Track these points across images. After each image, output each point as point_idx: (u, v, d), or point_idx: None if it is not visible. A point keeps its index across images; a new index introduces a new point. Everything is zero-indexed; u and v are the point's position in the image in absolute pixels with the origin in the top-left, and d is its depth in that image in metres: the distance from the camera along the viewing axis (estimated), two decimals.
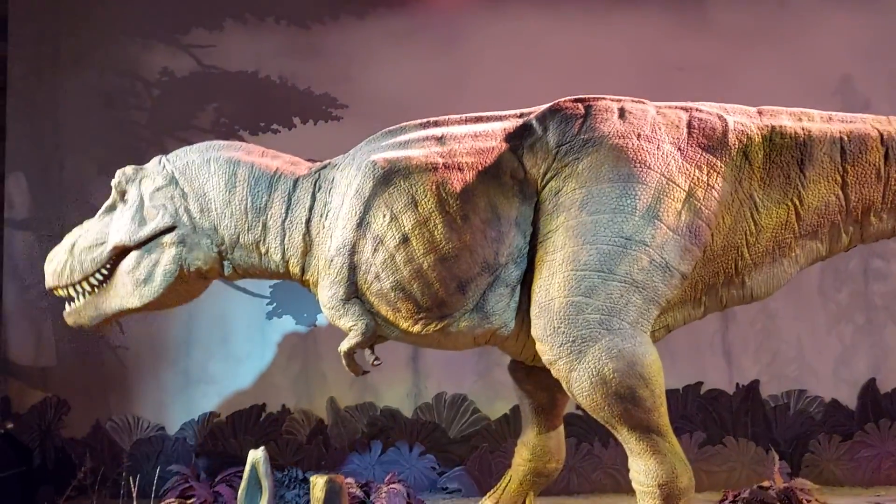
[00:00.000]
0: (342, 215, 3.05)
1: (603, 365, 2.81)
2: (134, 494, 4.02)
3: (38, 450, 5.32)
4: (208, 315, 5.44)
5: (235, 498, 4.50)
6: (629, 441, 2.90)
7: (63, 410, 5.38)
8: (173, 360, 5.43)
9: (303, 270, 3.19)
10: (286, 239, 3.15)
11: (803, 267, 3.13)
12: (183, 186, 3.20)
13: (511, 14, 5.52)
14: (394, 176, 3.01)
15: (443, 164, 3.02)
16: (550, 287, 2.91)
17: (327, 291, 3.10)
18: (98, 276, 3.22)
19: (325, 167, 3.25)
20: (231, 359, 5.43)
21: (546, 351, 2.93)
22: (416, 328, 3.08)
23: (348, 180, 3.09)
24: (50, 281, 3.30)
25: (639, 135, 3.01)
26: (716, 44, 5.38)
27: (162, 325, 5.44)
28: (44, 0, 5.70)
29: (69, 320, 3.33)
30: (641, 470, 2.89)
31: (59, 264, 3.27)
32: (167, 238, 3.17)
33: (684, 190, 2.94)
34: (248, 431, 5.32)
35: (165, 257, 3.17)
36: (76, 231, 3.33)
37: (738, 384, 5.21)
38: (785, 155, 3.03)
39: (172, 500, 4.12)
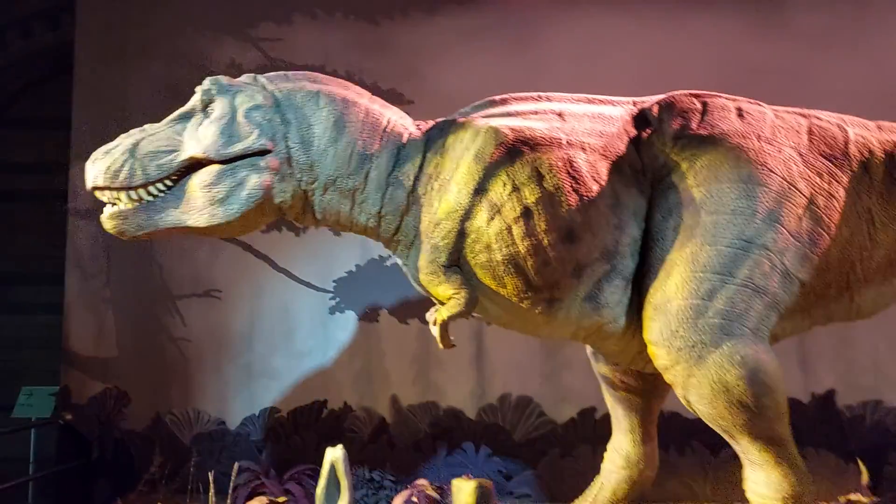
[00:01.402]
0: (457, 179, 2.85)
1: (725, 371, 2.69)
2: (211, 492, 3.93)
3: (96, 442, 5.27)
4: (271, 309, 5.39)
5: (306, 496, 4.44)
6: (750, 452, 2.78)
7: (123, 402, 5.34)
8: (235, 353, 5.37)
9: (396, 230, 2.96)
10: (387, 192, 2.92)
11: None
12: (286, 112, 2.88)
13: (584, 14, 5.45)
14: (518, 145, 2.83)
15: (567, 140, 2.87)
16: (667, 288, 2.79)
17: (428, 255, 2.88)
18: (161, 185, 2.81)
19: (434, 128, 3.05)
20: (293, 354, 5.36)
21: (662, 355, 2.80)
22: (521, 307, 2.91)
23: (465, 144, 2.89)
24: (99, 179, 2.82)
25: (759, 136, 2.92)
26: (793, 46, 5.29)
27: (224, 317, 5.40)
28: None
29: (110, 223, 2.85)
30: (763, 482, 2.76)
31: (116, 163, 2.79)
32: (261, 161, 2.83)
33: (805, 196, 2.85)
34: (309, 428, 5.25)
35: (253, 181, 2.80)
36: (136, 133, 2.87)
37: (813, 394, 5.09)
38: None
39: (264, 499, 4.01)
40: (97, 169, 2.83)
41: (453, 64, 5.46)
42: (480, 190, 2.82)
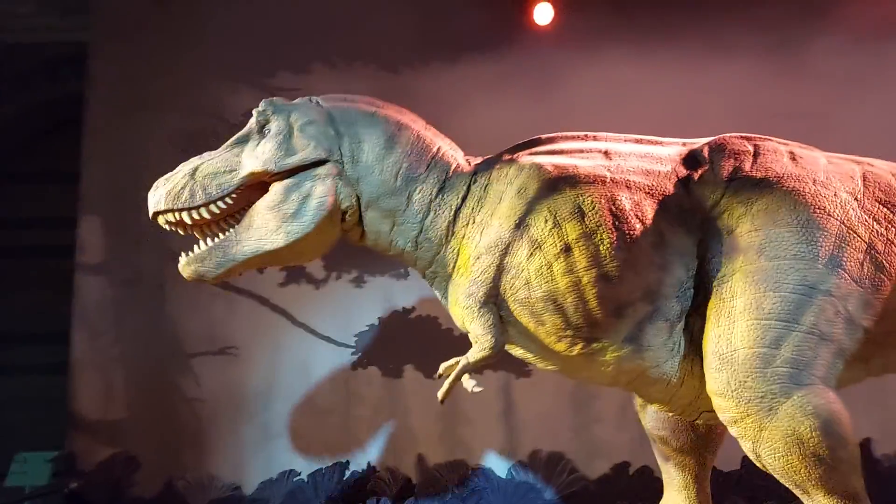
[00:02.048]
0: (499, 213, 2.83)
1: (798, 423, 2.57)
2: None
3: None
4: (290, 365, 5.18)
5: None
6: None
7: (132, 468, 5.04)
8: (252, 413, 5.13)
9: (432, 259, 2.94)
10: (428, 219, 2.90)
11: None
12: (339, 127, 2.93)
13: (605, 60, 5.45)
14: (560, 182, 2.81)
15: (611, 178, 2.84)
16: (732, 337, 2.69)
17: (466, 289, 2.83)
18: (222, 203, 2.85)
19: (482, 163, 3.04)
20: (314, 412, 5.14)
21: (730, 407, 2.68)
22: (559, 346, 2.82)
23: (508, 179, 2.88)
24: (160, 203, 2.90)
25: (814, 180, 2.86)
26: (814, 90, 5.32)
27: (240, 375, 5.17)
28: (127, 41, 5.61)
29: (188, 271, 2.89)
30: None
31: (177, 186, 2.87)
32: (321, 170, 2.86)
33: (864, 241, 2.78)
34: (331, 491, 4.98)
35: (320, 188, 2.84)
36: (195, 159, 2.97)
37: None
38: None
39: None
40: (159, 194, 2.91)
41: (475, 112, 5.40)
42: (521, 225, 2.79)
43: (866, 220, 2.81)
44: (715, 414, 2.79)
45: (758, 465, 2.73)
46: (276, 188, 2.85)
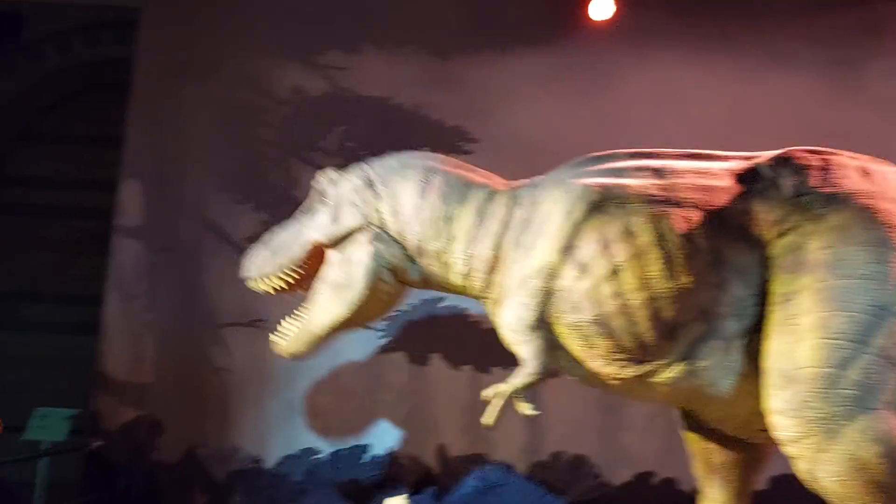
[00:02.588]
0: (545, 236, 2.83)
1: (862, 449, 2.51)
2: None
3: (124, 472, 4.98)
4: None
5: None
6: None
7: (156, 432, 5.07)
8: (277, 388, 5.13)
9: (485, 286, 3.00)
10: (473, 251, 2.98)
11: None
12: (378, 189, 3.12)
13: (659, 63, 5.36)
14: (608, 203, 2.79)
15: (662, 197, 2.79)
16: (797, 355, 2.62)
17: (514, 312, 2.85)
18: (293, 273, 3.15)
19: (522, 186, 3.08)
20: (338, 393, 5.12)
21: (790, 426, 2.62)
22: (610, 370, 2.80)
23: (554, 200, 2.88)
24: (249, 271, 3.27)
25: (887, 197, 2.78)
26: (869, 114, 5.19)
27: (268, 349, 5.11)
28: (179, 8, 5.61)
29: (286, 351, 3.21)
30: None
31: (257, 257, 3.24)
32: (360, 236, 3.06)
33: None
34: (350, 473, 4.97)
35: (360, 253, 3.04)
36: (276, 230, 3.30)
37: None
38: None
39: None
40: (247, 264, 3.27)
41: (521, 105, 5.36)
42: (569, 248, 2.78)
43: None
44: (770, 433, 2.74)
45: (810, 486, 2.68)
46: (330, 259, 3.11)
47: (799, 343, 2.62)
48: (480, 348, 5.08)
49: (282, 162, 5.33)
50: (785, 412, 2.62)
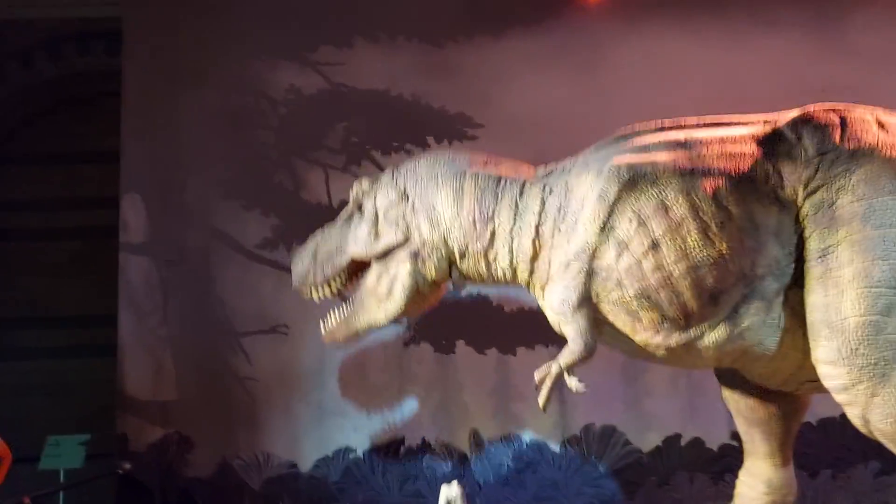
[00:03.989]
0: (583, 219, 2.91)
1: None
2: None
3: (159, 492, 4.92)
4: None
5: None
6: None
7: (186, 448, 5.01)
8: (305, 391, 5.11)
9: (529, 275, 3.09)
10: (514, 244, 3.07)
11: None
12: (414, 201, 3.20)
13: (650, 35, 5.42)
14: (640, 180, 2.86)
15: (692, 168, 2.86)
16: (842, 306, 2.72)
17: (559, 295, 2.93)
18: (338, 282, 3.26)
19: (551, 173, 3.15)
20: (367, 389, 5.13)
21: (841, 375, 2.72)
22: (657, 340, 2.87)
23: (588, 184, 2.95)
24: (295, 281, 3.34)
25: None
26: (857, 66, 5.33)
27: (292, 354, 5.14)
28: (160, 15, 5.47)
29: (326, 339, 3.33)
30: None
31: (304, 267, 3.34)
32: (401, 254, 3.15)
33: None
34: (387, 468, 5.00)
35: (402, 272, 3.14)
36: (318, 235, 3.36)
37: None
38: None
39: None
40: (294, 272, 3.34)
41: (520, 87, 5.37)
42: (607, 228, 2.85)
43: None
44: (816, 384, 2.84)
45: (863, 430, 2.78)
46: (373, 271, 3.21)
47: (842, 294, 2.71)
48: (504, 332, 5.14)
49: (285, 163, 5.28)
50: (835, 362, 2.71)
